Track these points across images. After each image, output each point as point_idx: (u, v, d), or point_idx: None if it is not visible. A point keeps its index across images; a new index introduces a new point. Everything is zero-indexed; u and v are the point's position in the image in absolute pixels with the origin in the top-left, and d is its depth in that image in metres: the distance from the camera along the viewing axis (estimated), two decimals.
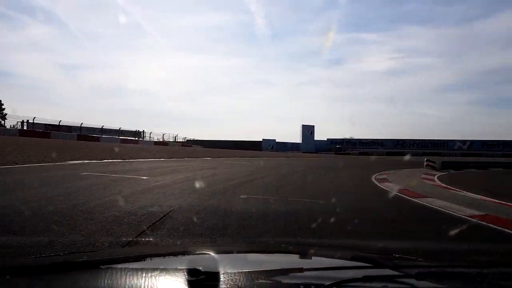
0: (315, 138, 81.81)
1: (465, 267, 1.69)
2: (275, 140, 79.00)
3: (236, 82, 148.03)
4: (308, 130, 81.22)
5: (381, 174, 17.52)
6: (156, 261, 1.72)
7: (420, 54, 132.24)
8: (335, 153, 70.93)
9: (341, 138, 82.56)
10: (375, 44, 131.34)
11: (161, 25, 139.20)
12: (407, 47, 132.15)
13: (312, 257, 1.92)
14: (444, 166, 28.39)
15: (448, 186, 12.84)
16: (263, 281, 1.21)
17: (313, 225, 4.95)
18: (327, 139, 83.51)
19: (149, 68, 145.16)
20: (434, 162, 28.36)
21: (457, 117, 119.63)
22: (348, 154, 70.13)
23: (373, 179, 15.13)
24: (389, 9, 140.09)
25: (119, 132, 53.61)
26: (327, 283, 1.15)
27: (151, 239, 3.96)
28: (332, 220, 5.24)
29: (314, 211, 6.36)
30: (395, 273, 1.46)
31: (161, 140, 60.79)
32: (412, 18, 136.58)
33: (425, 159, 29.62)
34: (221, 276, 1.16)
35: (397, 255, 2.17)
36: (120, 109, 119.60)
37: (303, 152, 70.98)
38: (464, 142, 72.48)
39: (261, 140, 77.71)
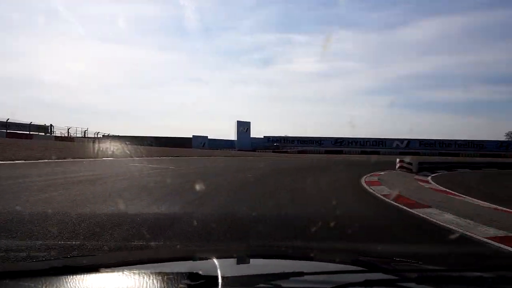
0: (252, 136, 75.34)
1: (465, 271, 1.73)
2: (207, 137, 70.63)
3: (166, 77, 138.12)
4: (243, 127, 74.21)
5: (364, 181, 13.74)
6: (156, 265, 1.73)
7: (347, 58, 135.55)
8: (273, 151, 65.07)
9: (279, 136, 77.09)
10: (305, 45, 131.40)
11: (82, 14, 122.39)
12: (335, 50, 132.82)
13: (313, 261, 1.93)
14: (421, 169, 22.85)
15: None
16: (263, 285, 1.21)
17: None
18: (264, 136, 77.48)
19: (68, 58, 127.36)
20: (410, 164, 22.68)
21: (381, 118, 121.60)
22: (286, 152, 64.66)
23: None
24: (318, 12, 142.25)
25: (6, 125, 41.61)
26: (328, 287, 1.17)
27: None
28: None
29: None
30: (396, 277, 1.47)
31: (66, 135, 49.33)
32: (339, 22, 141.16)
33: (398, 159, 23.86)
34: (221, 281, 1.14)
35: (398, 259, 2.16)
36: (33, 101, 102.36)
37: (238, 150, 64.06)
38: (402, 141, 71.11)
39: (191, 136, 68.81)
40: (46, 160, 17.05)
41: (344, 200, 9.41)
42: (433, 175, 21.69)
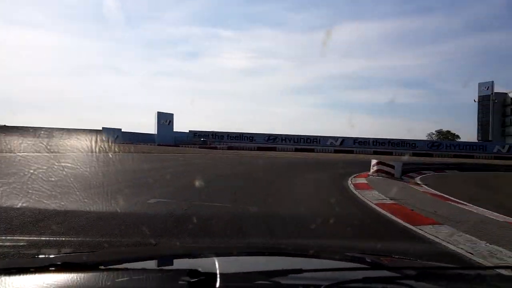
0: (175, 130, 66.41)
1: (465, 269, 1.80)
2: (120, 129, 59.91)
3: (82, 66, 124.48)
4: (165, 119, 64.87)
5: None
6: (155, 262, 1.70)
7: (272, 56, 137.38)
8: (199, 147, 57.00)
9: (207, 130, 69.09)
10: (232, 41, 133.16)
11: None
12: (261, 47, 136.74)
13: (311, 259, 1.91)
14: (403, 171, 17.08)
15: None
16: (262, 282, 1.21)
17: None
18: (190, 131, 68.96)
19: None
20: (392, 167, 16.67)
21: (307, 117, 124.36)
22: (215, 148, 57.00)
23: None
24: (244, 8, 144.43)
25: None
26: (327, 284, 1.16)
27: None
28: None
29: None
30: (395, 274, 1.49)
31: None
32: (265, 20, 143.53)
33: (374, 161, 17.72)
34: (220, 277, 1.14)
35: (396, 256, 2.18)
36: None
37: (158, 145, 54.95)
38: (336, 138, 67.66)
39: (101, 128, 57.64)
40: None
41: None
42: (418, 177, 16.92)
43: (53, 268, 1.25)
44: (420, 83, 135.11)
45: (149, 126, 78.17)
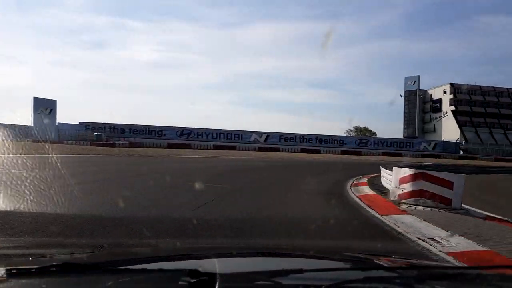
0: (60, 121, 51.91)
1: (465, 269, 1.73)
2: None
3: None
4: (44, 107, 49.97)
5: None
6: (156, 263, 1.67)
7: (186, 50, 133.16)
8: (91, 144, 43.84)
9: (102, 122, 55.46)
10: (141, 33, 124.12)
11: None
12: (174, 41, 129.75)
13: (312, 259, 1.90)
14: None
15: None
16: (263, 282, 1.20)
17: None
18: (80, 122, 54.73)
19: None
20: (447, 185, 7.87)
21: (222, 114, 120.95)
22: (113, 145, 44.19)
23: None
24: (154, 0, 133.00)
25: None
26: (327, 284, 1.15)
27: None
28: None
29: None
30: (395, 274, 1.47)
31: None
32: (177, 13, 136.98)
33: (407, 172, 8.67)
34: (221, 277, 1.13)
35: (397, 257, 2.18)
36: None
37: (33, 141, 40.69)
38: (260, 134, 59.35)
39: None
40: None
41: None
42: None
43: (53, 269, 1.23)
44: (331, 84, 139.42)
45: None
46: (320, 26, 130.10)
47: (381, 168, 12.84)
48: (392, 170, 9.00)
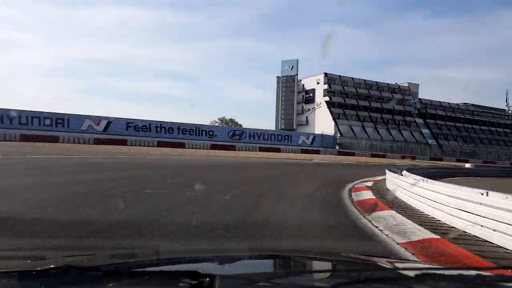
0: None
1: (465, 269, 1.71)
2: None
3: None
4: None
5: None
6: (156, 264, 1.67)
7: (15, 28, 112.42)
8: None
9: None
10: None
11: None
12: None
13: (312, 260, 1.89)
14: None
15: None
16: (263, 283, 1.19)
17: None
18: None
19: None
20: None
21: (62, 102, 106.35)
22: None
23: None
24: None
25: None
26: (328, 285, 1.14)
27: None
28: None
29: None
30: (395, 275, 1.46)
31: None
32: None
33: None
34: (221, 279, 1.11)
35: (397, 258, 2.12)
36: None
37: None
38: (98, 119, 41.53)
39: None
40: None
41: None
42: None
43: (53, 271, 1.19)
44: (189, 76, 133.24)
45: None
46: (174, 17, 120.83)
47: None
48: None
